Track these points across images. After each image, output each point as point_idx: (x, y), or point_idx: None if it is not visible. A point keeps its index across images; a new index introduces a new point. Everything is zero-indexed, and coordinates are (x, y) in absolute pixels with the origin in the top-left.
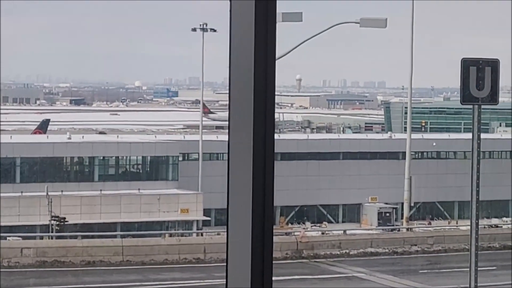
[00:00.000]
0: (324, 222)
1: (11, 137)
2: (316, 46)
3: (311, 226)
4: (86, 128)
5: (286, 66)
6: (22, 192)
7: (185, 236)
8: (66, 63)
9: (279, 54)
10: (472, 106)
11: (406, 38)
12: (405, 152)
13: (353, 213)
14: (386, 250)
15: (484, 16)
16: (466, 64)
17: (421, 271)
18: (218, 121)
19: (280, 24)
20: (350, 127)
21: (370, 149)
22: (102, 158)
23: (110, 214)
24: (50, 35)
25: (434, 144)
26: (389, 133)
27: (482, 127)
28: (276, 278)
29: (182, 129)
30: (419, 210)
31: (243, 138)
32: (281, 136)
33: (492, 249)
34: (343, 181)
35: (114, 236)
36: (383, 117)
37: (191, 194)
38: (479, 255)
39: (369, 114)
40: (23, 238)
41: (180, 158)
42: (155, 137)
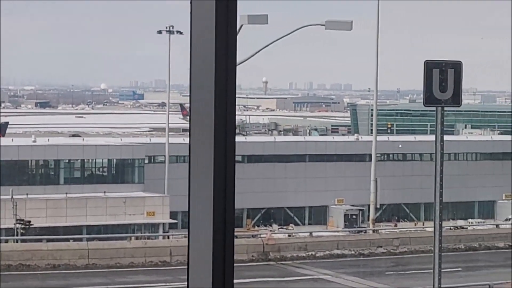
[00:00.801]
0: (290, 224)
1: None
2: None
3: (278, 229)
4: (51, 131)
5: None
6: None
7: (151, 239)
8: (31, 66)
9: (245, 57)
10: (435, 108)
11: (372, 40)
12: (371, 154)
13: (319, 215)
14: (352, 252)
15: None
16: (429, 66)
17: (387, 273)
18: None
19: (246, 26)
20: (316, 130)
21: (337, 151)
22: (67, 161)
23: (76, 217)
24: (14, 38)
25: (400, 146)
26: (355, 135)
27: (448, 129)
28: (242, 281)
29: (148, 131)
30: (385, 212)
31: (204, 141)
32: (247, 138)
33: (457, 250)
34: (310, 183)
35: (80, 239)
36: (350, 119)
37: (157, 197)
38: (445, 257)
39: (335, 117)
40: None
41: (146, 161)
42: (121, 139)
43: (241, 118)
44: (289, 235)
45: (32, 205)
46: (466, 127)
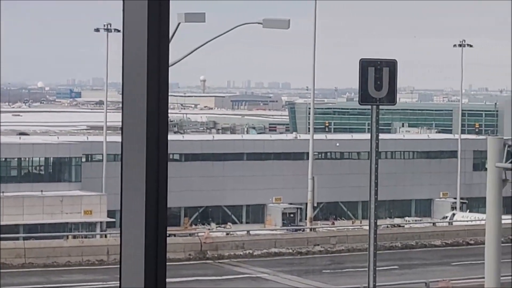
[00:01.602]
0: (228, 223)
1: None
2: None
3: (216, 227)
4: None
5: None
6: None
7: (88, 237)
8: None
9: (183, 55)
10: (371, 107)
11: (309, 39)
12: (309, 152)
13: (257, 213)
14: (290, 250)
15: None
16: (365, 64)
17: (324, 271)
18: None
19: (183, 24)
20: (254, 128)
21: (274, 150)
22: (4, 159)
23: (13, 216)
24: None
25: (338, 144)
26: (294, 133)
27: (385, 128)
28: (179, 279)
29: (86, 130)
30: (323, 210)
31: (136, 140)
32: (185, 137)
33: (394, 248)
34: (248, 182)
35: (17, 238)
36: (288, 117)
37: (95, 196)
38: (382, 255)
39: (273, 115)
40: None
41: (83, 159)
42: (58, 138)
43: (179, 117)
44: (227, 234)
45: None
46: (403, 126)
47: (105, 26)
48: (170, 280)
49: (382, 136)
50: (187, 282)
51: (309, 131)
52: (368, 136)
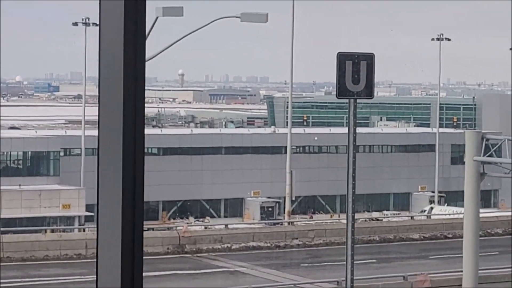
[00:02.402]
0: (206, 217)
1: None
2: (198, 41)
3: (194, 221)
4: None
5: (169, 61)
6: None
7: (66, 231)
8: None
9: (161, 49)
10: (348, 100)
11: (287, 33)
12: (287, 146)
13: (235, 207)
14: (268, 244)
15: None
16: (342, 58)
17: (302, 265)
18: None
19: (161, 19)
20: (232, 122)
21: (253, 143)
22: None
23: None
24: None
25: (316, 138)
26: (272, 127)
27: (363, 121)
28: (157, 273)
29: (64, 124)
30: (301, 204)
31: (113, 134)
32: (163, 131)
33: (372, 242)
34: (226, 175)
35: None
36: (266, 111)
37: (73, 190)
38: (360, 248)
39: (251, 109)
40: None
41: (61, 153)
42: (36, 132)
43: (157, 111)
44: (205, 228)
45: None
46: (381, 120)
47: (83, 20)
48: (148, 274)
49: (360, 130)
50: (165, 276)
51: (287, 125)
52: (346, 130)
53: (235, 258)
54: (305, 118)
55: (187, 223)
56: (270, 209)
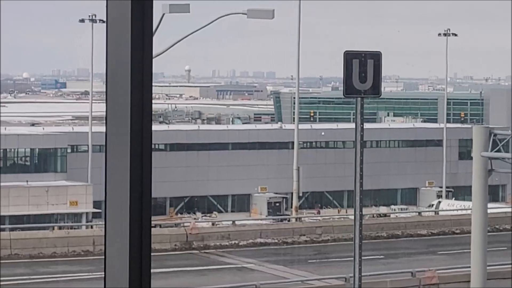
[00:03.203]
0: (214, 212)
1: None
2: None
3: (202, 217)
4: None
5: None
6: None
7: (74, 228)
8: None
9: (168, 45)
10: (355, 99)
11: (294, 28)
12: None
13: (243, 203)
14: (276, 241)
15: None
16: (349, 57)
17: (310, 261)
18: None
19: (167, 15)
20: (239, 118)
21: (259, 139)
22: None
23: None
24: None
25: (323, 133)
26: (279, 123)
27: (370, 117)
28: (165, 270)
29: (71, 120)
30: (308, 199)
31: (120, 130)
32: (170, 127)
33: (380, 238)
34: (233, 171)
35: (2, 229)
36: (273, 107)
37: (80, 186)
38: (368, 244)
39: (258, 105)
40: None
41: (68, 150)
42: (43, 129)
43: (164, 107)
44: (212, 224)
45: None
46: (388, 115)
47: (90, 16)
48: (155, 270)
49: (367, 125)
50: (173, 272)
51: (294, 121)
52: (353, 125)
53: (243, 254)
54: (312, 114)
55: (195, 219)
56: (277, 204)
